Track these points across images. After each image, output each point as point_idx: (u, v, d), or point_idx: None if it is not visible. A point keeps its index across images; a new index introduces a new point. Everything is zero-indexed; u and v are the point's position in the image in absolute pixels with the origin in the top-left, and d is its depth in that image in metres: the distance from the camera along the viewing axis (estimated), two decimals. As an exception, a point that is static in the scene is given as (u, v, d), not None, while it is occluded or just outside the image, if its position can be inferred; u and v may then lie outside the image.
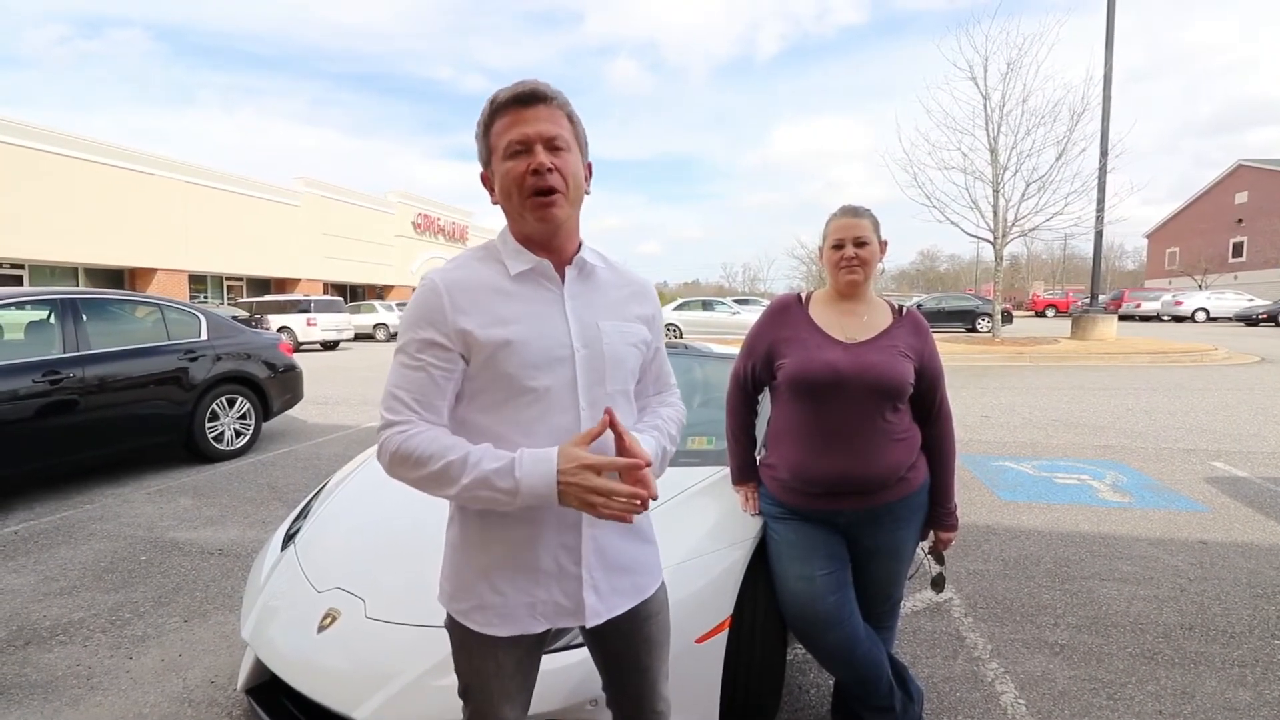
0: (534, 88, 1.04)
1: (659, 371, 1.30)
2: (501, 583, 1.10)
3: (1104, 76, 15.53)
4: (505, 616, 1.10)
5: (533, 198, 1.04)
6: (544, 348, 1.07)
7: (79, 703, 2.21)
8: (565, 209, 1.07)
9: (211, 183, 24.74)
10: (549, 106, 1.05)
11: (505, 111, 1.05)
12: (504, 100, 1.04)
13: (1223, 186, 41.43)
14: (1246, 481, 4.69)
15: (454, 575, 1.14)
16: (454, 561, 1.15)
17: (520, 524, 1.08)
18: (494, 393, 1.07)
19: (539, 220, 1.06)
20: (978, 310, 22.88)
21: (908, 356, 1.72)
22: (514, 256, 1.11)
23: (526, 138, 1.03)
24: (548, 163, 1.03)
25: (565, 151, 1.05)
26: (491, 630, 1.11)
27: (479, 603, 1.11)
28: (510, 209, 1.08)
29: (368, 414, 7.97)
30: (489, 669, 1.14)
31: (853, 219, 1.74)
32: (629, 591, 1.17)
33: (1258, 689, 2.23)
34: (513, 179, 1.04)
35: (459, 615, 1.14)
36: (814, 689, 2.26)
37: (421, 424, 1.03)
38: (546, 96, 1.05)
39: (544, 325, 1.08)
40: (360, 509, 2.32)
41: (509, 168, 1.04)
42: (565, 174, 1.05)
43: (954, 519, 1.85)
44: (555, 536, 1.09)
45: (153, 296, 5.75)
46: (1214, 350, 13.77)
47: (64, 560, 3.43)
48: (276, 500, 4.47)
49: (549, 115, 1.05)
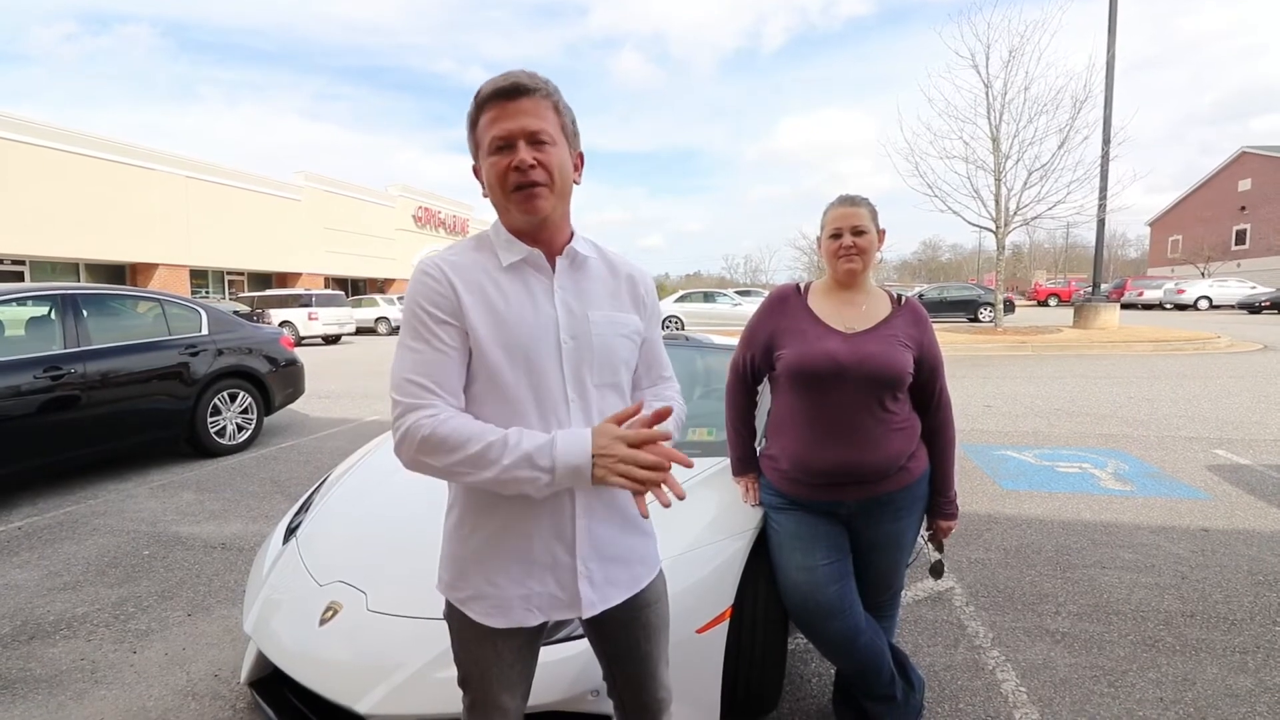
0: (517, 80, 1.03)
1: (651, 361, 1.27)
2: (496, 574, 1.10)
3: (1106, 63, 15.39)
4: (500, 608, 1.11)
5: (516, 192, 1.04)
6: (532, 337, 1.07)
7: (83, 697, 2.22)
8: (550, 201, 1.06)
9: (213, 177, 24.72)
10: (533, 99, 1.03)
11: (490, 105, 1.03)
12: (488, 94, 1.03)
13: (1226, 174, 41.20)
14: (1248, 469, 4.68)
15: (452, 563, 1.15)
16: (452, 549, 1.15)
17: (514, 515, 1.08)
18: (482, 381, 1.07)
19: (524, 214, 1.06)
20: (980, 300, 22.83)
21: (907, 346, 1.71)
22: (505, 247, 1.11)
23: (509, 133, 1.02)
24: (529, 159, 1.02)
25: (550, 145, 1.04)
26: (488, 621, 1.11)
27: (475, 592, 1.11)
28: (497, 203, 1.09)
29: (369, 408, 7.98)
30: (488, 657, 1.14)
31: (850, 208, 1.73)
32: (626, 583, 1.18)
33: (1259, 675, 2.24)
34: (497, 174, 1.04)
35: (458, 603, 1.14)
36: (815, 678, 2.27)
37: (447, 408, 1.02)
38: (530, 89, 1.03)
39: (533, 315, 1.08)
40: (361, 502, 2.33)
41: (493, 163, 1.04)
42: (550, 168, 1.04)
43: (954, 508, 1.85)
44: (549, 527, 1.09)
45: (154, 291, 5.75)
46: (1216, 338, 13.72)
47: (68, 555, 3.44)
48: (279, 494, 4.49)
49: (533, 108, 1.03)
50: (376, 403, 8.35)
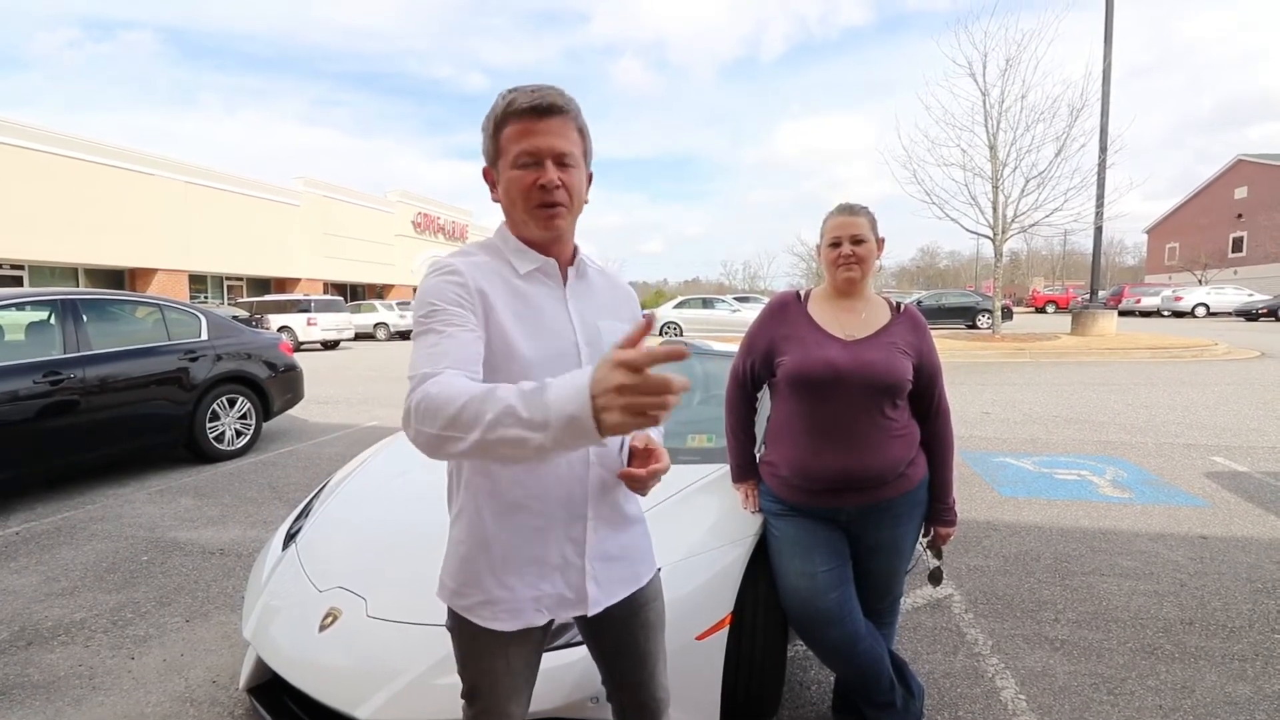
0: (552, 100, 1.04)
1: None
2: (509, 577, 1.10)
3: (1103, 71, 15.46)
4: (512, 610, 1.10)
5: (539, 209, 1.07)
6: (552, 344, 1.09)
7: (81, 703, 2.21)
8: (568, 220, 1.10)
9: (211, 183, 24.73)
10: (563, 119, 1.06)
11: (520, 118, 1.04)
12: (521, 107, 1.04)
13: (1223, 181, 41.38)
14: (1247, 476, 4.69)
15: (459, 571, 1.13)
16: (460, 556, 1.13)
17: (530, 516, 1.09)
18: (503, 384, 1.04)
19: (543, 230, 1.09)
20: (978, 307, 22.87)
21: (906, 353, 1.72)
22: (518, 255, 1.13)
23: (538, 150, 1.04)
24: (556, 179, 1.05)
25: (573, 168, 1.07)
26: (498, 625, 1.10)
27: (486, 598, 1.11)
28: (513, 214, 1.11)
29: (368, 413, 7.97)
30: (499, 668, 1.14)
31: (849, 217, 1.74)
32: (628, 579, 1.20)
33: (1257, 683, 2.24)
34: (520, 189, 1.06)
35: (464, 611, 1.13)
36: (815, 685, 2.26)
37: (453, 374, 0.91)
38: (562, 109, 1.05)
39: (551, 322, 1.11)
40: (361, 508, 2.33)
41: (517, 176, 1.06)
42: (571, 190, 1.08)
43: (953, 515, 1.85)
44: (563, 529, 1.11)
45: (153, 297, 5.75)
46: (1214, 345, 13.74)
47: (66, 561, 3.43)
48: (277, 500, 4.48)
49: (561, 129, 1.05)
50: (376, 408, 8.35)
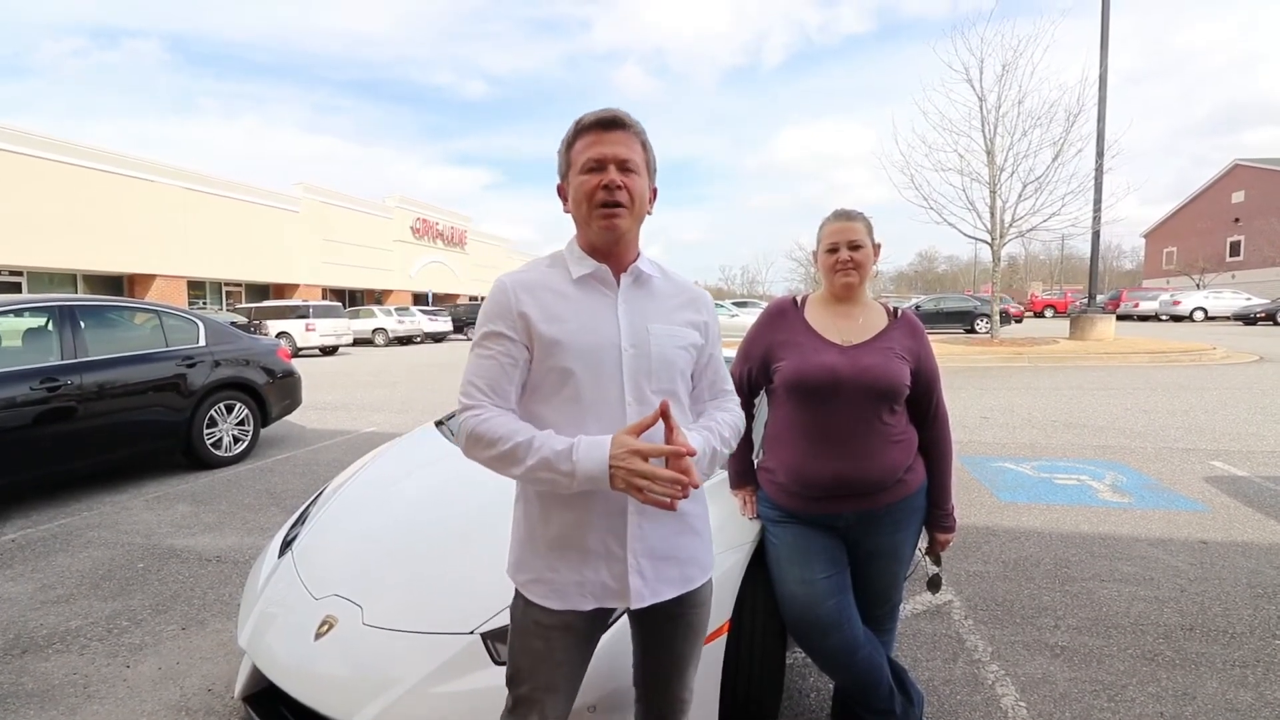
0: (616, 115, 1.19)
1: (714, 377, 1.37)
2: (556, 560, 1.20)
3: (1099, 77, 15.53)
4: (558, 592, 1.20)
5: (600, 209, 1.17)
6: (594, 344, 1.18)
7: (76, 711, 2.20)
8: (628, 221, 1.20)
9: (210, 189, 24.79)
10: (626, 133, 1.19)
11: (588, 132, 1.18)
12: (589, 123, 1.19)
13: (1220, 186, 41.52)
14: (1246, 481, 4.69)
15: (518, 548, 1.26)
16: (518, 536, 1.27)
17: (571, 508, 1.18)
18: (549, 385, 1.19)
19: (603, 230, 1.19)
20: (976, 311, 22.90)
21: (904, 358, 1.72)
22: (577, 262, 1.23)
23: (603, 157, 1.17)
24: (618, 180, 1.16)
25: (635, 174, 1.19)
26: (547, 603, 1.20)
27: (536, 576, 1.22)
28: (579, 217, 1.22)
29: (366, 419, 7.96)
30: (538, 648, 1.22)
31: (846, 223, 1.74)
32: (677, 581, 1.25)
33: (1259, 689, 2.23)
34: (585, 192, 1.18)
35: (520, 586, 1.25)
36: (814, 693, 2.25)
37: (493, 409, 1.15)
38: (626, 124, 1.19)
39: (596, 324, 1.20)
40: (358, 515, 2.32)
41: (583, 180, 1.18)
42: (632, 192, 1.18)
43: (952, 520, 1.85)
44: (603, 521, 1.19)
45: (151, 303, 5.75)
46: (1212, 349, 13.77)
47: (61, 568, 3.42)
48: (275, 506, 4.46)
49: (625, 140, 1.18)
50: (374, 414, 8.34)
